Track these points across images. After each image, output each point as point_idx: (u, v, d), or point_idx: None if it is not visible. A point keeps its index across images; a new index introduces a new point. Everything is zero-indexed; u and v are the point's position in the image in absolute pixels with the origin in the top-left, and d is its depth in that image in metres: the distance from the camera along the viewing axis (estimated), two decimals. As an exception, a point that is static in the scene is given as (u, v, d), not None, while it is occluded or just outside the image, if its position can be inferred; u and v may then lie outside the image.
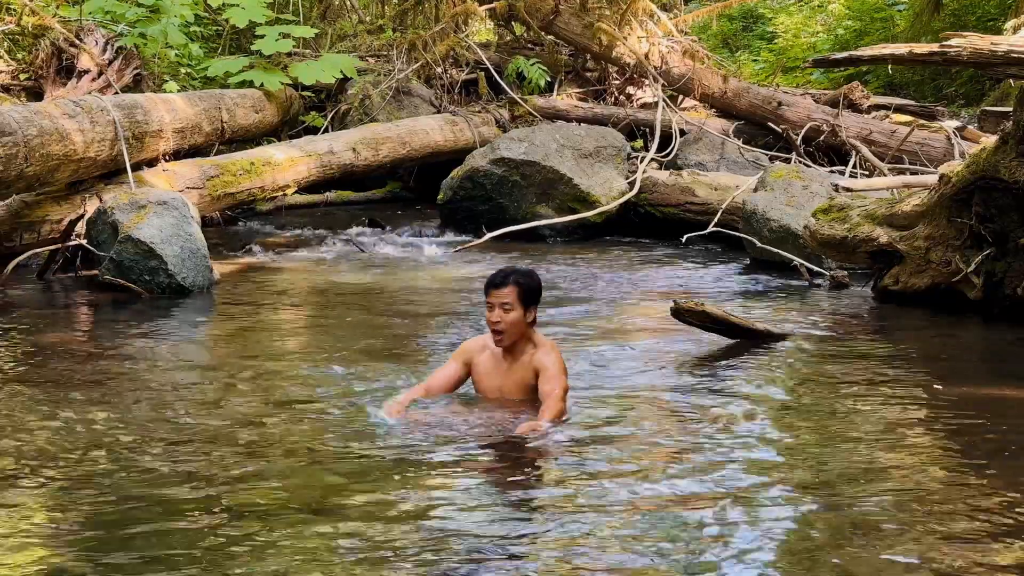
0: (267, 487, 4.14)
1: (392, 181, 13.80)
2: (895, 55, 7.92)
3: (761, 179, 10.43)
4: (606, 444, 4.72)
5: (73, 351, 6.58)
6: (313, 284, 9.03)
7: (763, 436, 4.84)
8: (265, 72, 12.52)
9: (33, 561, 3.45)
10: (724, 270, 9.68)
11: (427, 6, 14.71)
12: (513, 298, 5.00)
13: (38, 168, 8.31)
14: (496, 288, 5.03)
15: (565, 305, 8.01)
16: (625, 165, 12.08)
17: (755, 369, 6.12)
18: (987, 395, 5.67)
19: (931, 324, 7.39)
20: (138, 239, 8.14)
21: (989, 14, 18.25)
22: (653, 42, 13.99)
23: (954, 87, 18.65)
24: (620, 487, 4.14)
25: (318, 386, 5.68)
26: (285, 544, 3.59)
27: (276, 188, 11.11)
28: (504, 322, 5.00)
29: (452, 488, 4.15)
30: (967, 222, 7.39)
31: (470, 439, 4.73)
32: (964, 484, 4.22)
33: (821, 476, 4.31)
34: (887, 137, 13.01)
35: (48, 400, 5.36)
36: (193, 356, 6.62)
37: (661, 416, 5.22)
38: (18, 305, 7.82)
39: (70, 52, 11.54)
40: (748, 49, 23.42)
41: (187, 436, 4.77)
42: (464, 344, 5.35)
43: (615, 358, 6.35)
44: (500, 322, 5.00)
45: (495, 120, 13.66)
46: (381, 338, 6.92)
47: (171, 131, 10.20)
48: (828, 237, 8.29)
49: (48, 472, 4.30)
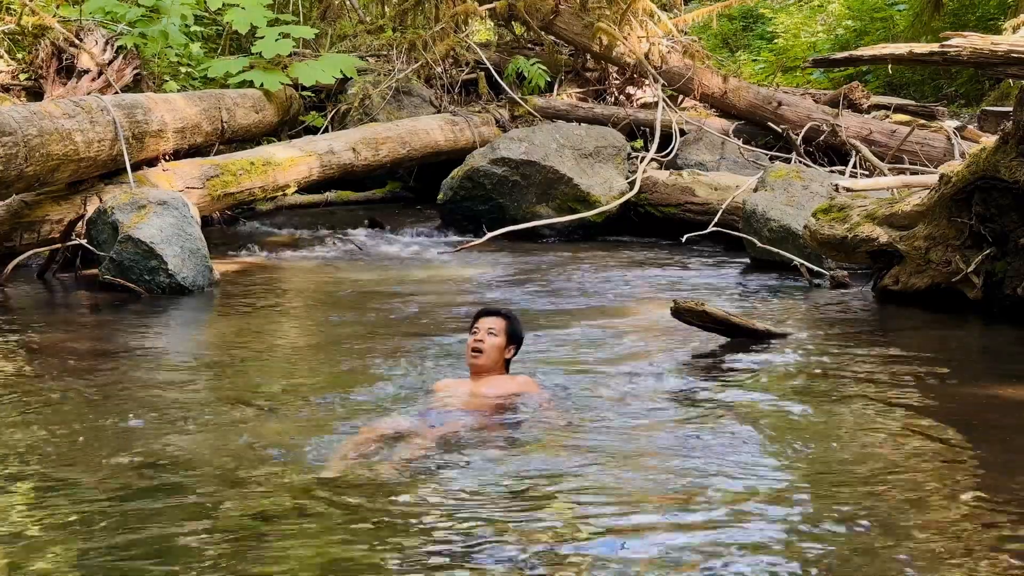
0: (267, 487, 4.14)
1: (392, 181, 13.80)
2: (895, 55, 7.92)
3: (761, 179, 10.44)
4: (602, 444, 4.71)
5: (73, 351, 6.58)
6: (313, 284, 9.03)
7: (762, 435, 4.84)
8: (265, 72, 12.52)
9: (33, 562, 3.45)
10: (724, 270, 9.68)
11: (427, 6, 14.71)
12: (501, 327, 5.25)
13: (38, 168, 8.31)
14: (488, 316, 5.31)
15: (565, 305, 8.02)
16: (625, 165, 12.09)
17: (755, 369, 6.12)
18: (987, 395, 5.67)
19: (931, 324, 7.39)
20: (138, 239, 8.14)
21: (989, 14, 18.25)
22: (653, 42, 13.99)
23: (954, 87, 18.65)
24: (618, 487, 4.14)
25: (318, 386, 5.68)
26: (286, 545, 3.59)
27: (276, 188, 11.11)
28: (486, 343, 5.20)
29: (453, 487, 4.15)
30: (967, 222, 7.39)
31: (465, 436, 4.73)
32: (964, 484, 4.22)
33: (820, 476, 4.31)
34: (887, 137, 13.01)
35: (48, 400, 5.36)
36: (193, 356, 6.62)
37: (660, 416, 5.22)
38: (18, 305, 7.83)
39: (70, 52, 11.55)
40: (748, 49, 23.42)
41: (187, 436, 4.77)
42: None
43: (615, 358, 6.35)
44: (483, 341, 5.20)
45: (495, 120, 13.66)
46: (381, 338, 6.91)
47: (171, 131, 10.21)
48: (828, 237, 8.29)
49: (48, 472, 4.30)
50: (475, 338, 5.23)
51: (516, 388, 5.20)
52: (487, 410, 5.02)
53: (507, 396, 5.13)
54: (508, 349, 5.28)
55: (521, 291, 8.57)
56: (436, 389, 5.33)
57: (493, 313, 5.34)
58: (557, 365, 6.07)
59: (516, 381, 5.27)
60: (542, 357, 6.26)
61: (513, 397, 5.13)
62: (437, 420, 4.86)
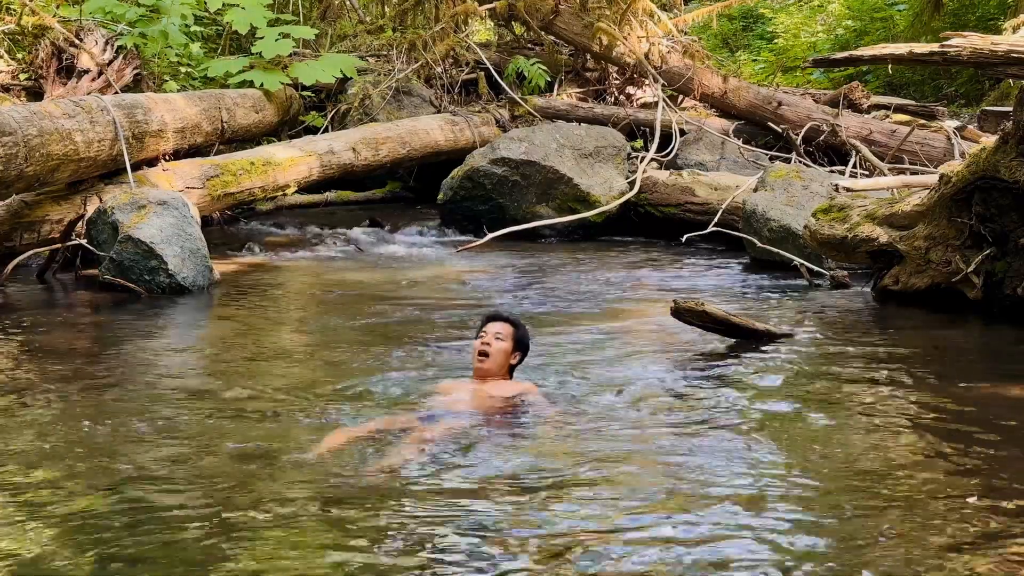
0: (268, 487, 4.14)
1: (392, 181, 13.80)
2: (895, 55, 7.92)
3: (761, 179, 10.44)
4: (601, 444, 4.71)
5: (73, 351, 6.58)
6: (313, 284, 9.03)
7: (761, 435, 4.84)
8: (265, 72, 12.52)
9: (32, 561, 3.45)
10: (724, 270, 9.68)
11: (427, 6, 14.71)
12: (508, 333, 5.27)
13: (38, 168, 8.31)
14: (496, 321, 5.32)
15: (565, 305, 8.02)
16: (625, 165, 12.09)
17: (755, 369, 6.12)
18: (987, 395, 5.67)
19: (931, 324, 7.39)
20: (138, 239, 8.14)
21: (989, 14, 18.25)
22: (653, 42, 13.99)
23: (954, 87, 18.65)
24: (616, 486, 4.14)
25: (318, 386, 5.68)
26: (287, 545, 3.59)
27: (276, 188, 11.12)
28: (493, 347, 5.21)
29: (450, 487, 4.15)
30: (967, 222, 7.39)
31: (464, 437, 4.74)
32: (964, 484, 4.22)
33: (819, 476, 4.31)
34: (887, 137, 13.01)
35: (47, 400, 5.36)
36: (193, 356, 6.62)
37: (659, 416, 5.22)
38: (18, 305, 7.83)
39: (70, 52, 11.55)
40: (748, 49, 23.42)
41: (187, 436, 4.77)
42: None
43: (614, 358, 6.35)
44: (490, 345, 5.21)
45: (495, 120, 13.66)
46: (381, 338, 6.91)
47: (171, 131, 10.21)
48: (828, 237, 8.28)
49: (47, 473, 4.30)
50: (482, 341, 5.24)
51: (519, 392, 5.20)
52: (488, 411, 5.03)
53: (509, 398, 5.13)
54: (514, 355, 5.30)
55: (521, 291, 8.57)
56: (438, 390, 5.33)
57: (502, 319, 5.36)
58: (557, 365, 6.07)
59: (519, 386, 5.28)
60: (542, 357, 6.26)
61: (515, 400, 5.14)
62: (437, 420, 4.86)
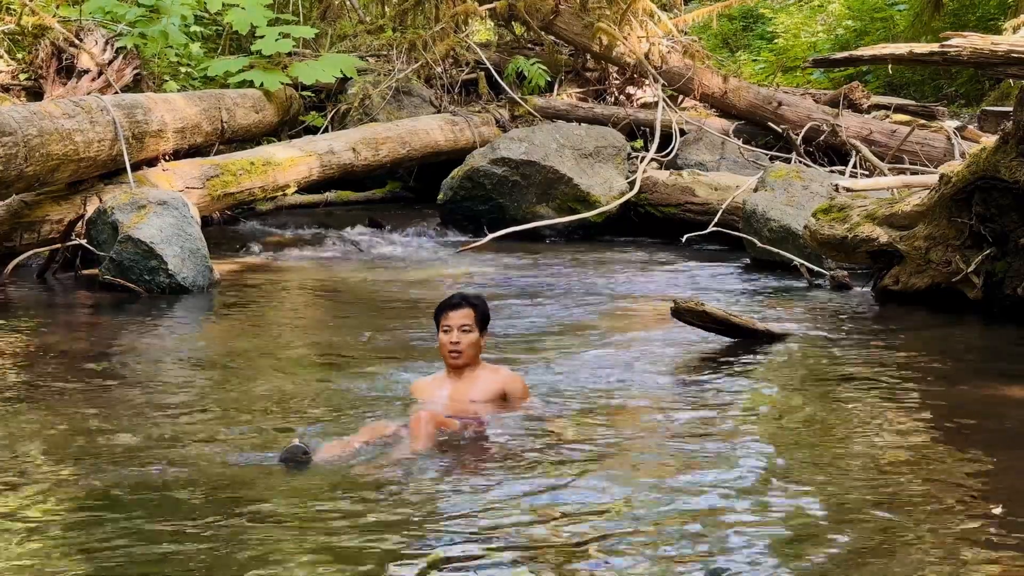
0: (268, 487, 4.14)
1: (392, 181, 13.79)
2: (895, 55, 7.93)
3: (761, 179, 10.44)
4: (601, 443, 4.71)
5: (73, 351, 6.58)
6: (313, 284, 9.03)
7: (762, 436, 4.84)
8: (265, 72, 12.52)
9: (32, 561, 3.45)
10: (724, 270, 9.68)
11: (427, 6, 14.70)
12: (471, 320, 5.08)
13: (38, 168, 8.30)
14: (454, 310, 5.09)
15: (565, 305, 8.02)
16: (625, 165, 12.09)
17: (755, 369, 6.12)
18: (987, 395, 5.67)
19: (931, 324, 7.39)
20: (138, 239, 8.14)
21: (989, 14, 18.24)
22: (653, 42, 13.98)
23: (954, 87, 18.65)
24: (615, 487, 4.14)
25: (318, 386, 5.68)
26: (287, 545, 3.59)
27: (276, 188, 11.11)
28: (463, 342, 5.05)
29: (452, 486, 4.15)
30: (967, 222, 7.39)
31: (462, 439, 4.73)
32: (964, 484, 4.22)
33: (819, 476, 4.31)
34: (887, 137, 13.01)
35: (48, 400, 5.36)
36: (193, 356, 6.61)
37: (659, 416, 5.22)
38: (18, 305, 7.83)
39: (70, 52, 11.54)
40: (748, 49, 23.41)
41: (187, 436, 4.76)
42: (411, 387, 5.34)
43: (614, 357, 6.35)
44: (460, 342, 5.05)
45: (495, 120, 13.65)
46: (381, 338, 6.91)
47: (171, 131, 10.21)
48: (828, 237, 8.29)
49: (47, 473, 4.30)
50: (451, 340, 5.06)
51: (500, 385, 5.11)
52: (472, 413, 4.98)
53: (492, 397, 5.08)
54: (482, 337, 5.15)
55: (520, 291, 8.56)
56: (412, 392, 5.24)
57: (458, 305, 5.11)
58: (556, 365, 6.07)
59: (499, 376, 5.17)
60: (542, 357, 6.27)
61: (498, 399, 5.08)
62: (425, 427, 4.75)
